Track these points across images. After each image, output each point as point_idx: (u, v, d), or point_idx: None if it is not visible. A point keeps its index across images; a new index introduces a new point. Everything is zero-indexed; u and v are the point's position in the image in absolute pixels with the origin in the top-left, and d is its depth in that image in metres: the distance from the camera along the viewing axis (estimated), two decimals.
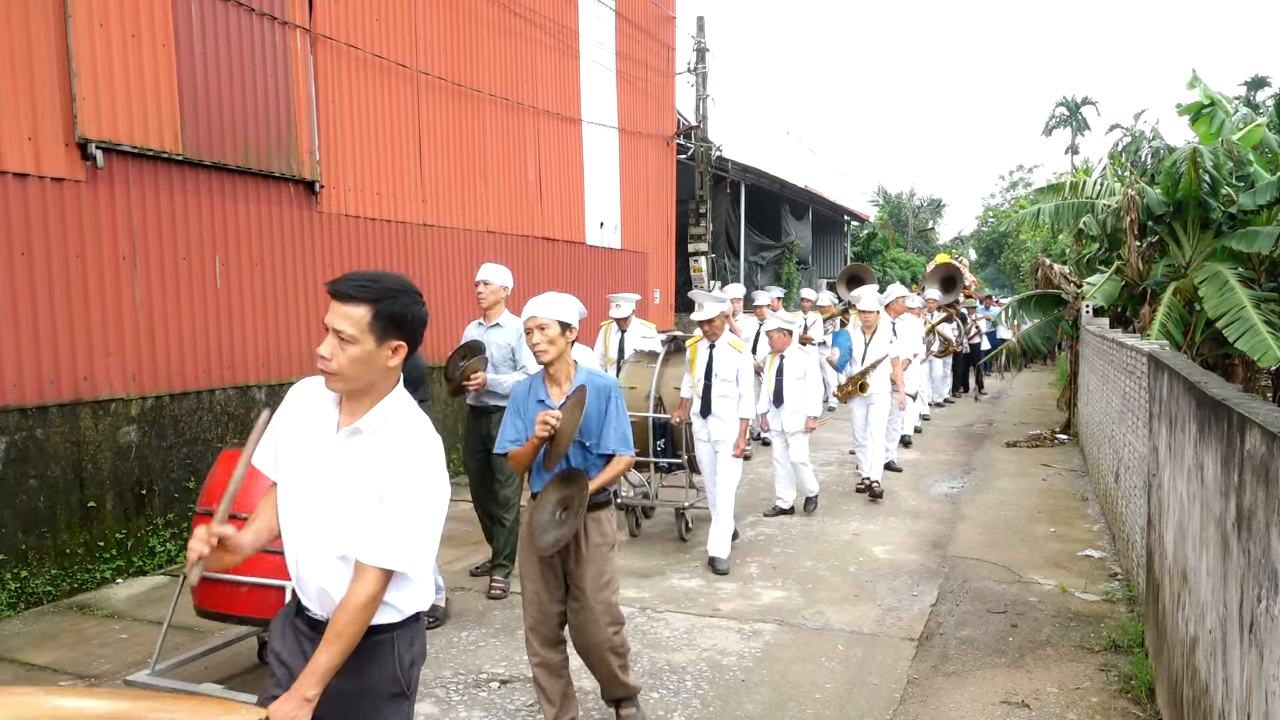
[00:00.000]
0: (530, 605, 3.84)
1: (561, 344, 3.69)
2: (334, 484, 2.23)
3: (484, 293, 5.87)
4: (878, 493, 8.53)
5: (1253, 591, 2.42)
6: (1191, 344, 10.12)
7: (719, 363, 6.49)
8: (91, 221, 6.18)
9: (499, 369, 5.79)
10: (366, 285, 2.19)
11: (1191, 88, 10.98)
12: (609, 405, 3.80)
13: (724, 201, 18.84)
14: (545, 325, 3.66)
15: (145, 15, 6.46)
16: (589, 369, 3.84)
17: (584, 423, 3.65)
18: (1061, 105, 50.20)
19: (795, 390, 7.64)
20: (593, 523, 3.80)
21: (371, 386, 2.23)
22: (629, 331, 8.75)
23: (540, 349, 3.68)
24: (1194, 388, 3.48)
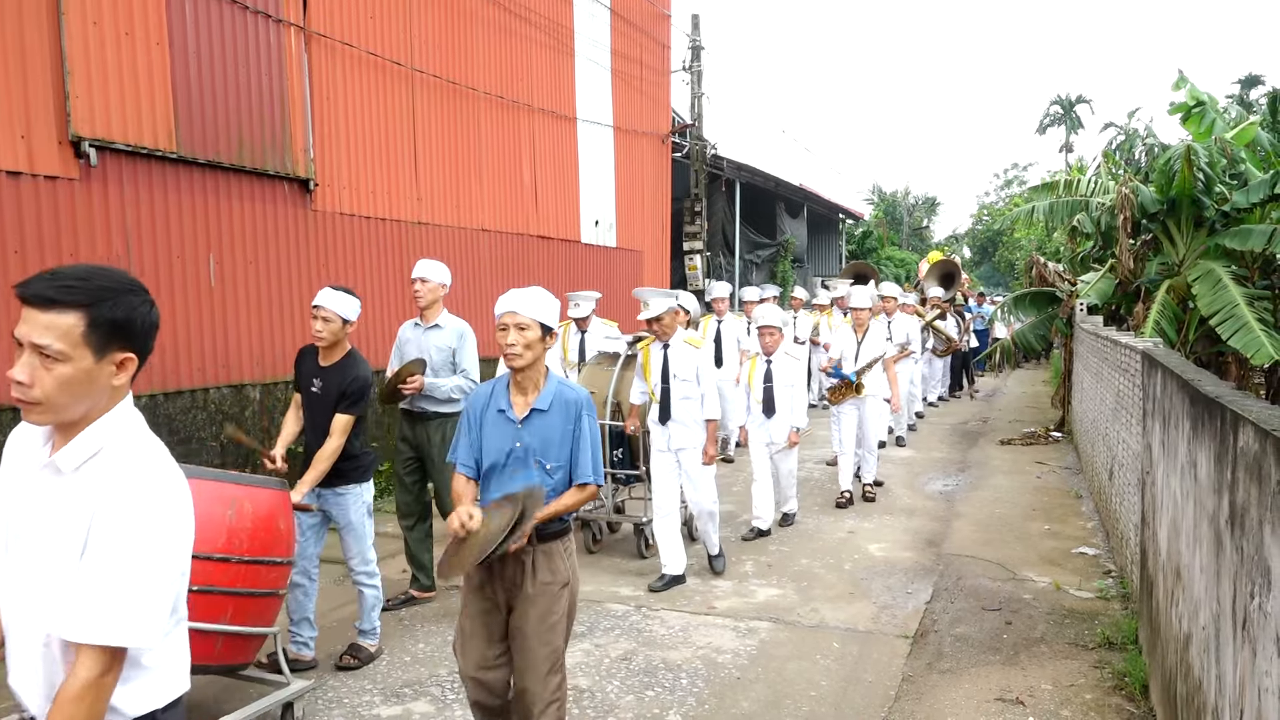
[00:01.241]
0: (468, 647, 3.29)
1: (539, 350, 3.21)
2: (33, 539, 1.74)
3: (421, 291, 5.50)
4: (870, 496, 8.40)
5: (1245, 588, 2.43)
6: (1185, 342, 10.15)
7: (676, 362, 6.01)
8: (85, 220, 6.16)
9: (438, 373, 5.46)
10: (75, 285, 1.69)
11: (1177, 88, 11.00)
12: (578, 424, 3.26)
13: (719, 200, 18.83)
14: (526, 325, 3.17)
15: (139, 13, 6.44)
16: (561, 380, 3.35)
17: (546, 441, 3.21)
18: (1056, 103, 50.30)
19: (785, 398, 7.12)
20: (543, 556, 3.23)
21: (88, 414, 1.75)
22: (590, 332, 8.16)
23: (514, 352, 3.16)
24: (1187, 385, 3.49)
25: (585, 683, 4.52)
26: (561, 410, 3.25)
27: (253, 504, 3.78)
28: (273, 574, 3.88)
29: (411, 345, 5.57)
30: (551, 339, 3.27)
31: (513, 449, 3.24)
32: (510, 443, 3.24)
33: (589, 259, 12.88)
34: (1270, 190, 9.30)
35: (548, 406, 3.24)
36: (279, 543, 3.89)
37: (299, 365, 4.66)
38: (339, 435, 4.39)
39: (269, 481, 4.01)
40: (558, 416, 3.25)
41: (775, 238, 21.90)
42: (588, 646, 4.98)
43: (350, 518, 4.59)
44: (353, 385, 4.43)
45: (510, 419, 3.26)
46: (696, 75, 17.32)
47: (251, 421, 7.39)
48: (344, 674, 4.63)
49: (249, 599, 3.75)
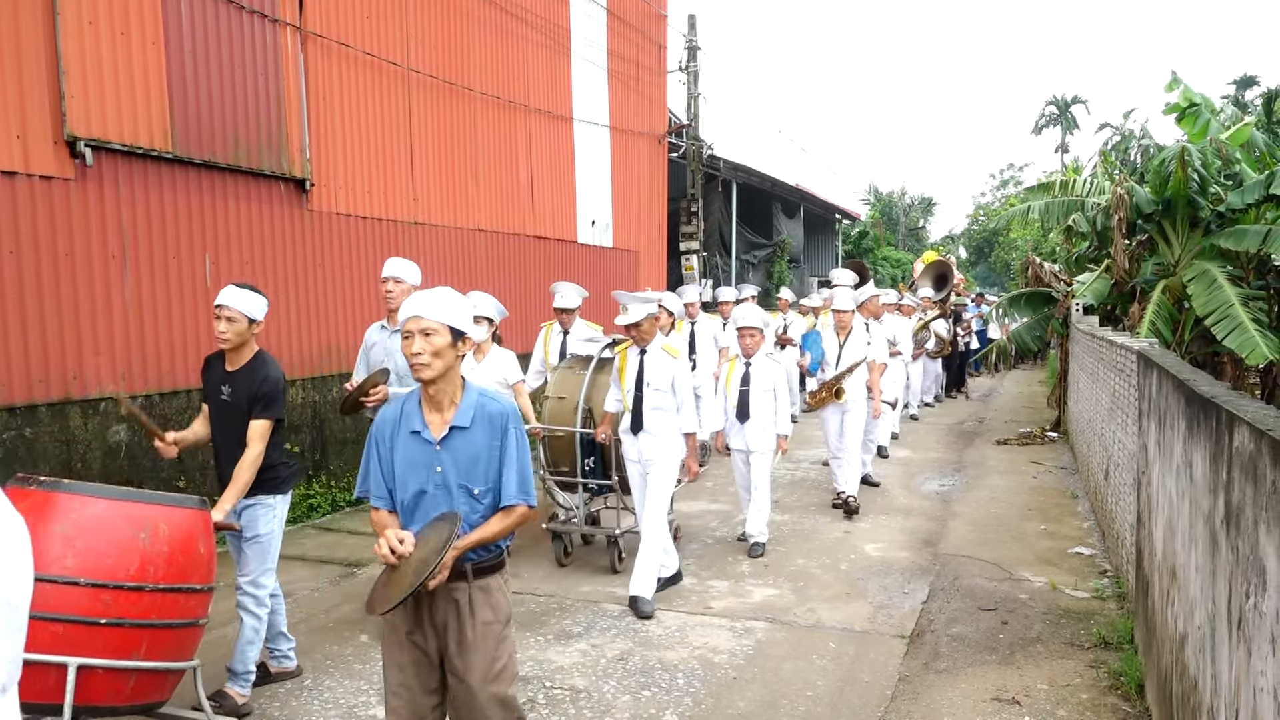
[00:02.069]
0: (396, 701, 2.91)
1: (450, 358, 2.82)
2: None
3: (395, 292, 5.19)
4: (854, 508, 7.84)
5: (1241, 588, 2.43)
6: (1180, 342, 10.17)
7: (652, 370, 5.71)
8: (81, 220, 6.15)
9: (404, 379, 5.09)
10: None
11: (1171, 89, 11.03)
12: (505, 439, 2.90)
13: (716, 200, 18.85)
14: (431, 330, 2.78)
15: (134, 13, 6.43)
16: (482, 390, 2.96)
17: (471, 462, 2.85)
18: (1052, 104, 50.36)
19: (763, 404, 6.68)
20: (480, 593, 2.88)
21: None
22: (572, 333, 7.62)
23: (420, 362, 2.77)
24: (1183, 385, 3.49)
25: (582, 683, 4.52)
26: (485, 425, 2.87)
27: (169, 525, 3.45)
28: (191, 602, 3.53)
29: (379, 349, 5.31)
30: (465, 345, 2.89)
31: (432, 475, 2.84)
32: (429, 468, 2.85)
33: (585, 259, 12.88)
34: (1265, 190, 9.33)
35: (469, 422, 2.86)
36: (198, 567, 3.54)
37: (206, 374, 4.32)
38: (258, 441, 4.09)
39: (187, 500, 3.65)
40: (481, 433, 2.87)
41: (772, 238, 21.93)
42: (584, 646, 4.98)
43: (258, 529, 4.19)
44: (264, 387, 4.12)
45: (426, 440, 2.86)
46: (693, 75, 17.33)
47: None
48: (339, 674, 4.62)
49: (165, 631, 3.41)
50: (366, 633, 5.15)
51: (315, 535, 7.24)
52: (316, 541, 7.07)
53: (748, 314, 6.91)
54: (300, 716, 4.18)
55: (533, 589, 5.96)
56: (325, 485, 8.19)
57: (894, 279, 27.66)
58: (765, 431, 6.68)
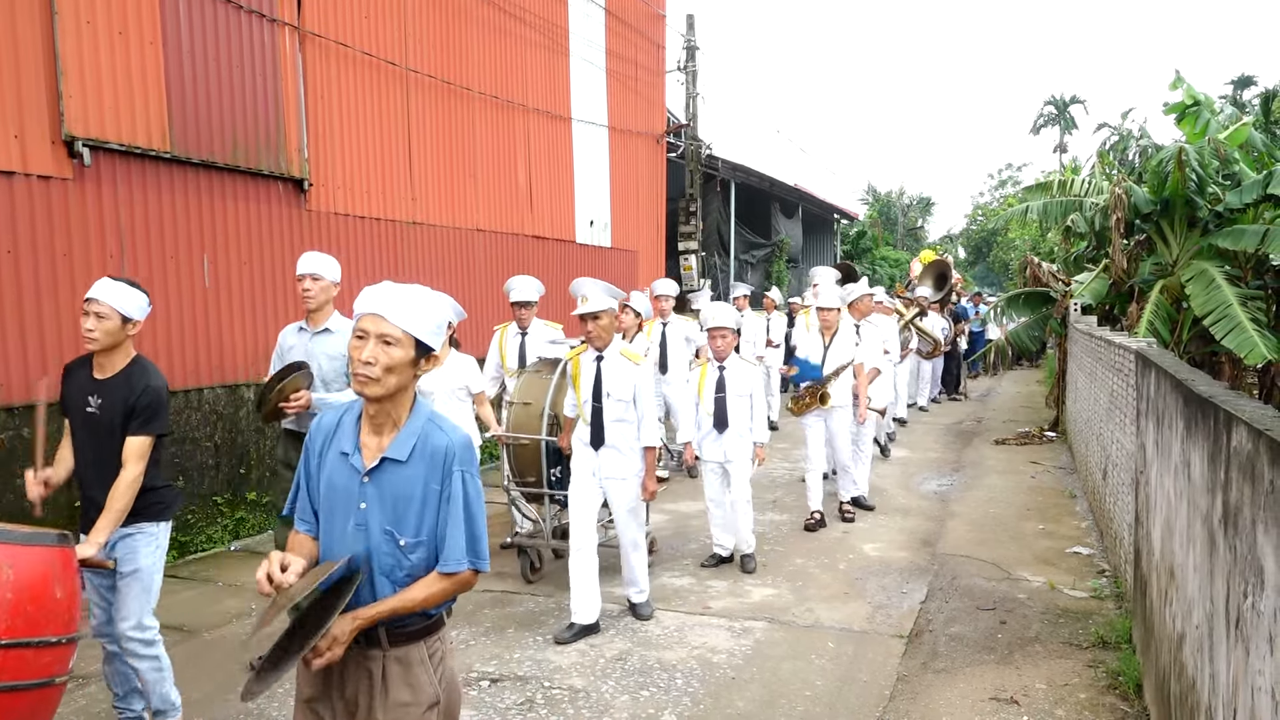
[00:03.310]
0: None
1: (406, 377, 2.29)
2: None
3: (313, 291, 4.74)
4: (848, 516, 7.61)
5: (1239, 587, 2.44)
6: (1179, 342, 10.18)
7: (611, 379, 5.14)
8: (79, 220, 6.14)
9: (329, 385, 4.73)
10: None
11: (1174, 88, 11.04)
12: (448, 483, 2.33)
13: (714, 200, 18.83)
14: (394, 340, 2.24)
15: (132, 12, 6.43)
16: (433, 415, 2.40)
17: (401, 504, 2.32)
18: (1050, 104, 50.41)
19: (740, 410, 6.23)
20: (397, 666, 2.34)
21: None
22: (531, 333, 7.06)
23: (369, 376, 2.23)
24: (1181, 385, 3.50)
25: (580, 683, 4.52)
26: (425, 462, 2.32)
27: (16, 568, 2.85)
28: (45, 658, 2.92)
29: (297, 353, 4.82)
30: (429, 364, 2.39)
31: (353, 511, 2.32)
32: (351, 502, 2.33)
33: (584, 259, 12.88)
34: (1263, 190, 9.34)
35: (406, 455, 2.31)
36: (53, 617, 2.94)
37: (66, 383, 3.71)
38: (136, 461, 3.55)
39: (43, 536, 3.01)
40: (419, 469, 2.32)
41: (770, 238, 21.92)
42: (582, 646, 4.98)
43: (139, 562, 3.64)
44: (144, 398, 3.57)
45: (354, 467, 2.33)
46: (691, 75, 17.32)
47: (246, 422, 7.38)
48: None
49: (12, 696, 2.84)
50: None
51: None
52: None
53: (718, 313, 6.30)
54: None
55: (531, 589, 5.96)
56: None
57: (892, 279, 27.66)
58: (744, 440, 6.25)
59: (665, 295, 9.18)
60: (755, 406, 6.28)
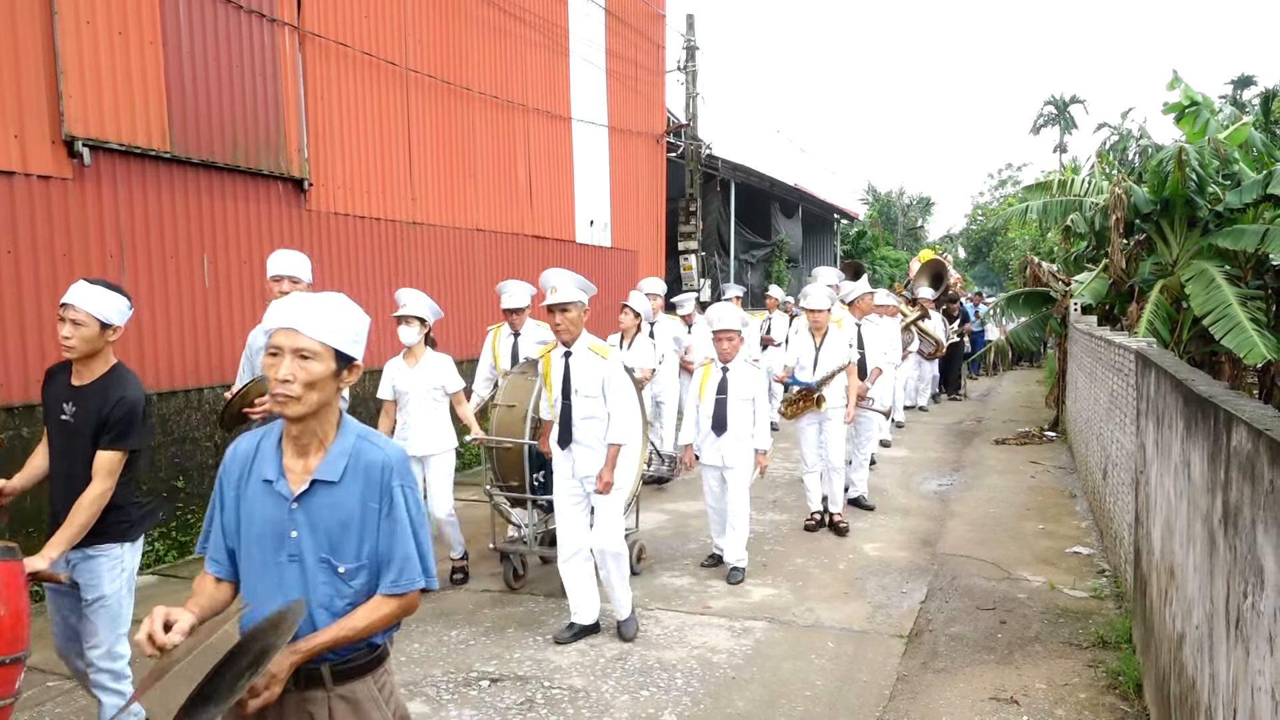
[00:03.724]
0: None
1: (328, 392, 2.13)
2: None
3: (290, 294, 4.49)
4: (842, 529, 7.23)
5: (1239, 587, 2.44)
6: (1179, 341, 10.19)
7: (579, 374, 4.98)
8: (79, 219, 6.14)
9: None
10: None
11: (1172, 88, 11.05)
12: (386, 501, 2.18)
13: (714, 200, 18.83)
14: (310, 353, 2.09)
15: (132, 12, 6.43)
16: (363, 431, 2.25)
17: (337, 529, 2.16)
18: (1050, 104, 50.42)
19: (741, 414, 6.10)
20: (343, 705, 2.18)
21: None
22: (523, 334, 6.99)
23: (288, 395, 2.07)
24: (1181, 385, 3.50)
25: (580, 682, 4.52)
26: (360, 481, 2.17)
27: None
28: None
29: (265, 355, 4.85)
30: (351, 375, 2.19)
31: (285, 542, 2.15)
32: (281, 532, 2.15)
33: (584, 259, 12.87)
34: (1263, 190, 9.34)
35: (338, 475, 2.16)
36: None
37: (46, 388, 3.53)
38: (104, 478, 3.34)
39: None
40: (354, 490, 2.17)
41: (770, 238, 21.92)
42: (582, 646, 4.98)
43: (103, 588, 3.41)
44: (117, 410, 3.35)
45: (280, 494, 2.16)
46: (691, 75, 17.32)
47: None
48: None
49: None
50: None
51: None
52: None
53: (725, 315, 6.18)
54: None
55: (530, 589, 5.96)
56: None
57: (892, 278, 27.67)
58: (744, 445, 6.10)
59: (653, 294, 9.03)
60: (758, 411, 6.13)
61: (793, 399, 7.30)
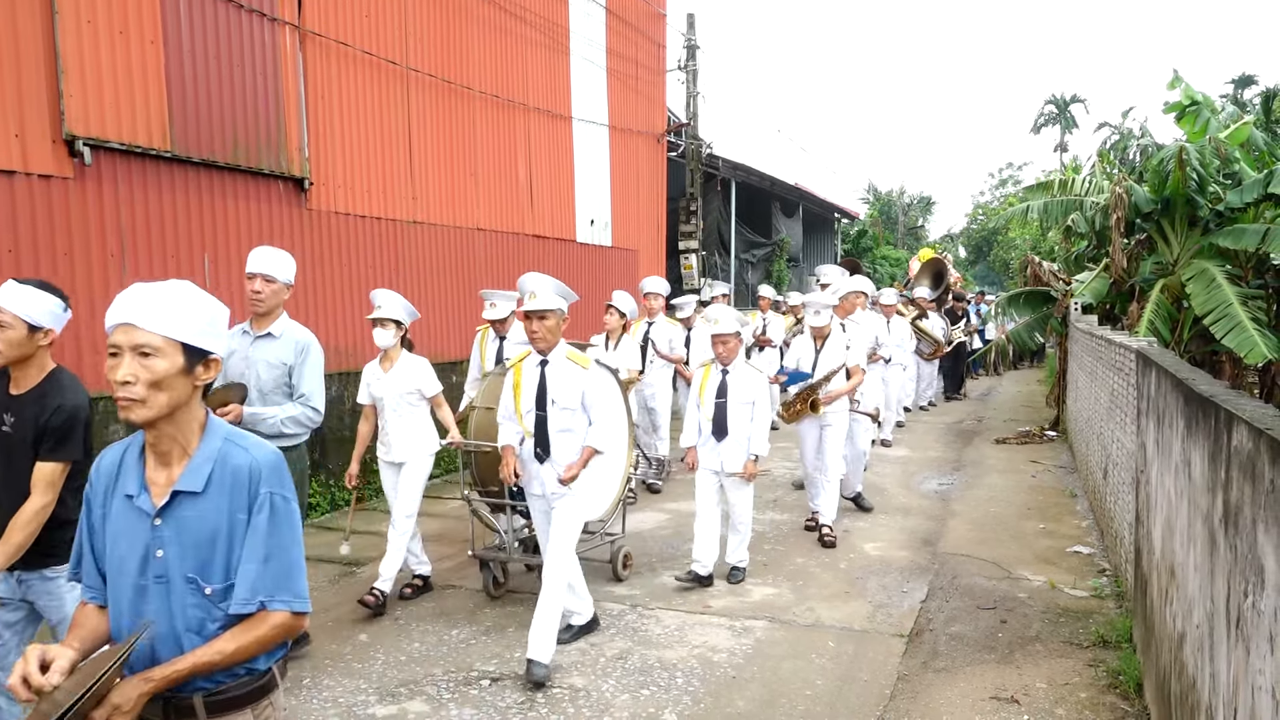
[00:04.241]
0: None
1: (180, 392, 1.94)
2: None
3: (263, 294, 4.35)
4: (829, 542, 6.90)
5: (1239, 587, 2.44)
6: (1179, 341, 10.18)
7: (556, 385, 4.71)
8: (79, 219, 6.15)
9: (268, 397, 4.31)
10: None
11: (1172, 87, 11.04)
12: (255, 511, 1.99)
13: (715, 199, 18.83)
14: (151, 349, 1.89)
15: (133, 11, 6.43)
16: (232, 433, 2.06)
17: (205, 545, 1.97)
18: (1050, 103, 50.38)
19: (741, 418, 5.94)
20: None
21: None
22: (510, 337, 6.98)
23: (130, 398, 1.87)
24: (1181, 384, 3.50)
25: (580, 681, 4.52)
26: (226, 490, 1.98)
27: None
28: None
29: (237, 358, 4.39)
30: (209, 371, 2.00)
31: (150, 562, 1.96)
32: (147, 551, 1.96)
33: (584, 258, 12.88)
34: (1264, 190, 9.34)
35: (202, 485, 1.97)
36: None
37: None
38: (44, 491, 3.11)
39: None
40: (220, 500, 1.97)
41: (771, 237, 21.93)
42: (583, 645, 4.98)
43: (65, 610, 3.20)
44: (55, 419, 3.12)
45: (141, 510, 1.97)
46: (692, 74, 17.32)
47: None
48: (338, 674, 4.62)
49: None
50: (366, 632, 5.15)
51: (314, 534, 7.23)
52: (315, 540, 7.07)
53: (722, 317, 6.02)
54: (299, 715, 4.18)
55: (531, 587, 5.96)
56: (324, 484, 8.18)
57: (893, 278, 27.66)
58: (744, 449, 5.96)
59: (655, 294, 8.93)
60: (758, 415, 5.96)
61: (790, 401, 7.10)
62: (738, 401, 5.94)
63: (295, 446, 4.38)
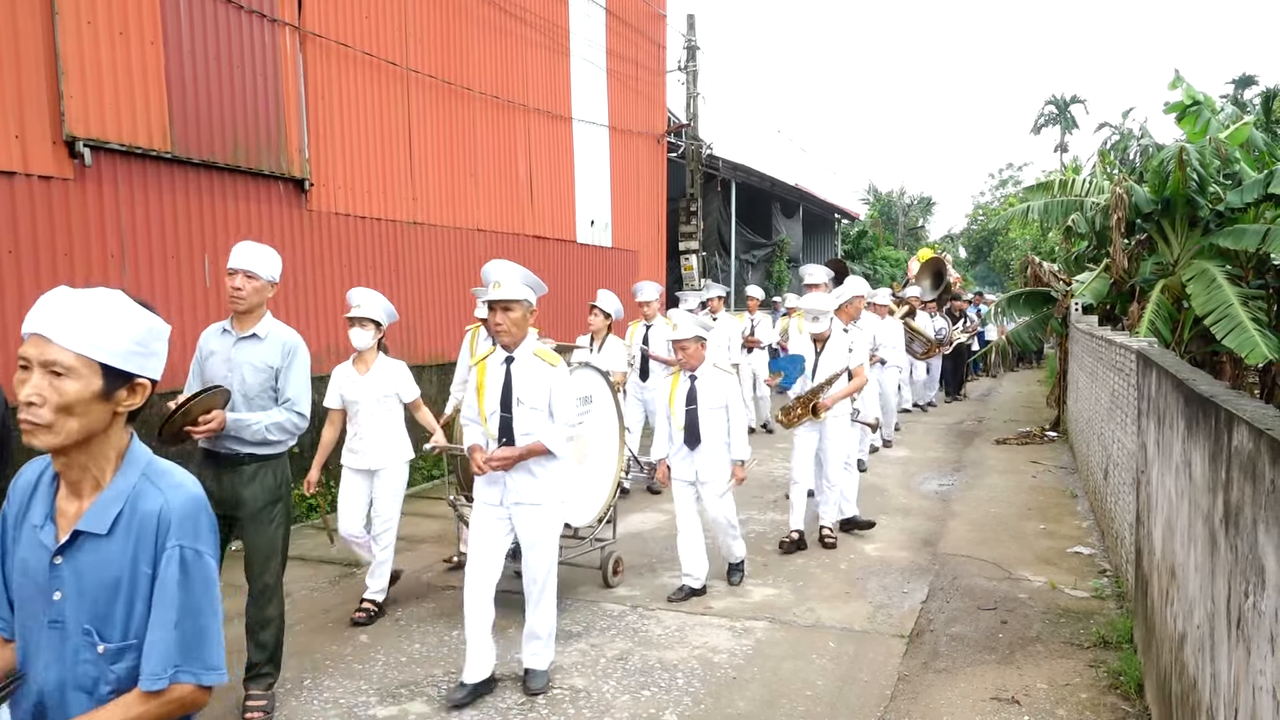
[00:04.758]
0: None
1: (94, 418, 1.71)
2: None
3: (244, 290, 4.01)
4: (830, 543, 6.80)
5: (1240, 587, 2.44)
6: (1180, 341, 10.18)
7: (522, 383, 4.32)
8: (80, 220, 6.15)
9: (252, 402, 4.01)
10: None
11: (1174, 87, 11.05)
12: (163, 563, 1.72)
13: (715, 200, 18.84)
14: (63, 368, 1.68)
15: (133, 12, 6.43)
16: (153, 466, 1.82)
17: (104, 592, 1.72)
18: (1051, 103, 50.39)
19: (714, 424, 5.68)
20: None
21: None
22: None
23: (34, 421, 1.67)
24: (1182, 385, 3.50)
25: (581, 682, 4.52)
26: (132, 536, 1.72)
27: None
28: None
29: (218, 359, 4.09)
30: (134, 396, 1.77)
31: (47, 603, 1.73)
32: (45, 590, 1.73)
33: (584, 259, 12.88)
34: (1264, 190, 9.34)
35: (107, 528, 1.72)
36: None
37: None
38: None
39: None
40: (125, 546, 1.72)
41: (771, 238, 21.94)
42: (584, 646, 4.98)
43: None
44: None
45: (42, 545, 1.74)
46: (692, 75, 17.32)
47: None
48: (339, 674, 4.62)
49: None
50: (366, 633, 5.15)
51: (314, 535, 7.23)
52: (316, 541, 7.07)
53: (681, 322, 5.75)
54: (300, 716, 4.17)
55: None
56: (325, 485, 8.16)
57: (892, 278, 27.66)
58: (719, 457, 5.69)
59: (647, 302, 8.72)
60: (732, 419, 5.71)
61: (791, 407, 6.80)
62: (709, 407, 5.68)
63: (277, 455, 4.12)
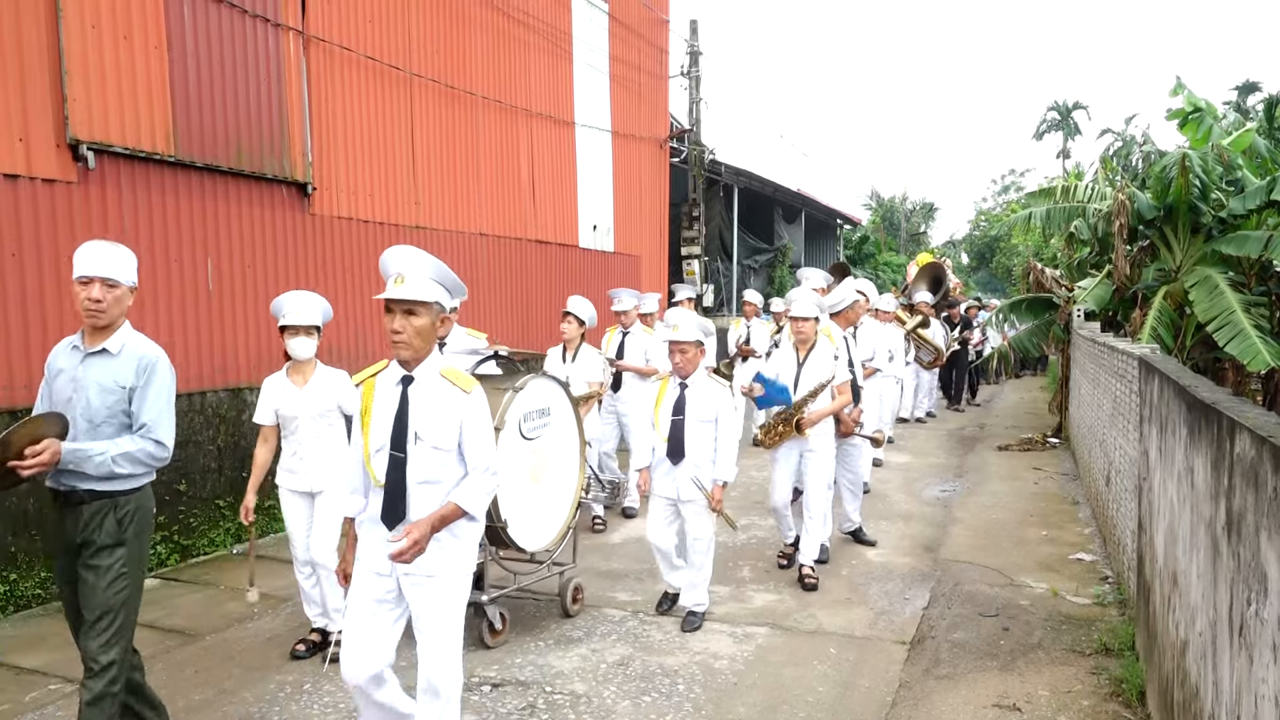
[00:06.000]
0: None
1: None
2: None
3: (104, 301, 3.32)
4: (810, 585, 6.02)
5: (1242, 595, 2.43)
6: (1182, 348, 10.17)
7: (421, 412, 3.29)
8: (83, 223, 6.16)
9: (98, 429, 3.34)
10: None
11: (1176, 94, 11.06)
12: None
13: (717, 205, 18.87)
14: None
15: (137, 16, 6.45)
16: None
17: None
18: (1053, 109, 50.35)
19: (701, 438, 5.23)
20: None
21: None
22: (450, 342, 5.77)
23: None
24: (1184, 391, 3.49)
25: (582, 688, 4.51)
26: None
27: None
28: None
29: (64, 379, 3.40)
30: None
31: None
32: None
33: (587, 264, 12.89)
34: (1267, 196, 9.33)
35: None
36: None
37: None
38: None
39: None
40: None
41: (773, 243, 21.96)
42: (584, 651, 4.98)
43: None
44: None
45: None
46: (695, 80, 17.35)
47: (248, 425, 7.38)
48: (339, 679, 4.60)
49: None
50: None
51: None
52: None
53: (682, 323, 5.26)
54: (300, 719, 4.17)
55: (534, 590, 5.95)
56: None
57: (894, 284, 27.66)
58: (704, 474, 5.24)
59: (623, 312, 8.19)
60: (722, 435, 5.23)
61: (771, 424, 6.17)
62: (696, 419, 5.22)
63: (137, 489, 3.41)
